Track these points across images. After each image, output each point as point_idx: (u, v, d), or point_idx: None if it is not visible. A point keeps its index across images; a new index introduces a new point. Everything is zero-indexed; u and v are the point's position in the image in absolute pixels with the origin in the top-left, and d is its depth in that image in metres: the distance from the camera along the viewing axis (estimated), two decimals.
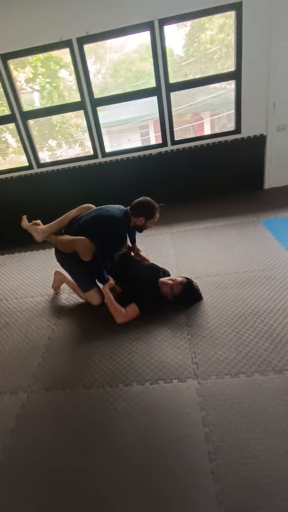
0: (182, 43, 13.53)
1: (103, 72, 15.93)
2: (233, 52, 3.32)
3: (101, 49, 15.64)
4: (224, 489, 1.12)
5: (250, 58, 3.23)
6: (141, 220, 2.14)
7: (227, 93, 13.06)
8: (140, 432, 1.36)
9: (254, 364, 1.58)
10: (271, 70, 3.26)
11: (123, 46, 17.71)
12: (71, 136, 10.62)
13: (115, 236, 2.09)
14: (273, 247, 2.61)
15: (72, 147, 11.82)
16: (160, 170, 3.75)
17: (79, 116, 10.84)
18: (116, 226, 2.05)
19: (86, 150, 10.99)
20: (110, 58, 16.84)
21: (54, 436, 1.40)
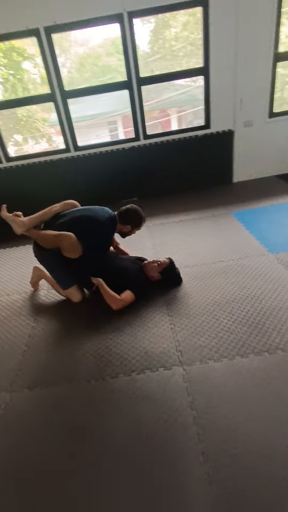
0: (147, 40, 13.59)
1: (69, 66, 15.53)
2: (200, 49, 3.38)
3: (65, 42, 15.21)
4: (214, 467, 1.16)
5: (217, 54, 3.32)
6: (128, 228, 2.17)
7: (192, 90, 13.35)
8: (130, 421, 1.37)
9: (234, 348, 1.65)
10: (237, 67, 3.37)
11: (89, 40, 17.37)
12: (37, 131, 10.25)
13: (101, 240, 2.07)
14: (245, 237, 2.73)
15: (39, 142, 11.43)
16: (133, 164, 3.75)
17: (46, 110, 10.49)
18: (104, 230, 2.05)
19: (54, 145, 10.68)
20: (75, 52, 16.46)
21: (41, 433, 1.37)
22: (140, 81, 3.35)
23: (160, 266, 2.13)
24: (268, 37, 3.28)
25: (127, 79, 3.36)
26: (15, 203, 3.81)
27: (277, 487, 1.07)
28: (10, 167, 3.62)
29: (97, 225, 2.01)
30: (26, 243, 3.26)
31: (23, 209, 2.48)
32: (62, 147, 3.66)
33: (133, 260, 2.26)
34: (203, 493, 1.09)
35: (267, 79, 3.46)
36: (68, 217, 2.05)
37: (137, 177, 3.81)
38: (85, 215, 2.05)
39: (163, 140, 3.67)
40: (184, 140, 3.70)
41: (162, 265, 2.13)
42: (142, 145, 3.68)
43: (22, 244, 3.26)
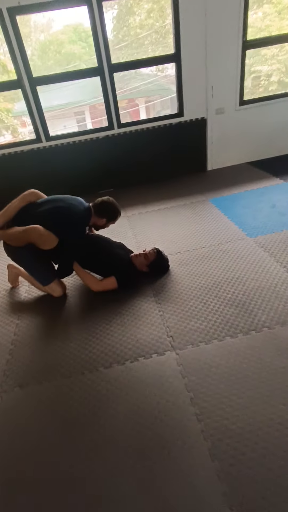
0: (111, 27, 13.23)
1: (30, 53, 14.77)
2: (167, 37, 3.37)
3: (25, 28, 14.44)
4: (215, 444, 1.20)
5: (188, 41, 3.31)
6: (103, 221, 2.12)
7: (159, 80, 13.27)
8: (128, 409, 1.37)
9: (224, 329, 1.70)
10: (208, 53, 3.39)
11: (50, 26, 16.61)
12: (1, 122, 9.71)
13: (75, 233, 1.99)
14: (224, 223, 2.79)
15: (3, 134, 10.86)
16: (108, 154, 3.68)
17: (9, 100, 9.96)
18: (78, 222, 1.98)
19: (20, 137, 10.20)
20: (36, 38, 15.67)
21: (38, 431, 1.33)
22: (112, 68, 3.26)
23: (148, 259, 2.11)
24: (236, 25, 3.31)
25: (97, 65, 3.25)
26: None
27: (275, 456, 1.13)
28: None
29: (71, 216, 1.95)
30: None
31: None
32: (32, 137, 3.50)
33: (125, 249, 2.26)
34: (207, 469, 1.12)
35: (236, 67, 3.51)
36: (41, 209, 1.96)
37: (113, 167, 3.74)
38: (61, 206, 1.97)
39: (138, 128, 3.63)
40: (158, 128, 3.68)
41: (149, 258, 2.12)
42: (116, 134, 3.61)
43: None
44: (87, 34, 14.13)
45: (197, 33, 3.28)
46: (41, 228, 1.84)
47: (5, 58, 8.91)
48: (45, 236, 1.86)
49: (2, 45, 10.04)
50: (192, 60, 3.40)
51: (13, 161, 3.49)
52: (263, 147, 4.08)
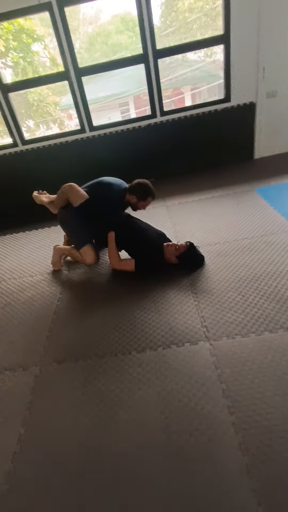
0: (159, 13, 12.96)
1: (78, 46, 15.11)
2: (217, 19, 3.19)
3: (74, 21, 14.77)
4: (246, 438, 1.16)
5: (239, 20, 3.11)
6: (133, 198, 2.25)
7: (206, 66, 12.75)
8: (158, 394, 1.38)
9: (262, 324, 1.62)
10: (260, 33, 3.16)
11: (98, 18, 16.80)
12: (49, 115, 10.15)
13: (110, 200, 2.21)
14: (270, 214, 2.63)
15: (51, 127, 11.35)
16: (150, 142, 3.65)
17: (57, 94, 10.35)
18: (113, 194, 2.22)
19: (67, 129, 10.57)
20: (84, 31, 15.97)
21: (72, 404, 1.41)
22: (157, 54, 3.20)
23: (178, 250, 2.07)
24: None
25: (142, 53, 3.21)
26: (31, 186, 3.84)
27: None
28: (26, 150, 3.61)
29: (109, 188, 2.24)
30: (45, 226, 3.29)
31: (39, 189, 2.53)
32: (77, 128, 3.60)
33: (160, 235, 2.27)
34: (236, 462, 1.10)
35: None
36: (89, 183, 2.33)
37: (154, 156, 3.71)
38: (101, 181, 2.31)
39: (181, 116, 3.54)
40: (202, 115, 3.55)
41: (179, 249, 2.07)
42: (159, 123, 3.56)
43: (41, 227, 3.29)
44: (135, 23, 14.04)
45: (249, 10, 3.06)
46: (69, 184, 2.19)
47: (55, 52, 9.24)
48: (72, 188, 2.18)
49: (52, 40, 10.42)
50: (243, 40, 3.20)
51: (59, 151, 3.62)
52: None
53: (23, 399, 1.47)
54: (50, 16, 2.97)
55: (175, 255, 2.08)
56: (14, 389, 1.53)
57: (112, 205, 2.23)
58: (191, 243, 2.12)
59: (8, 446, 1.28)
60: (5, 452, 1.26)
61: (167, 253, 2.11)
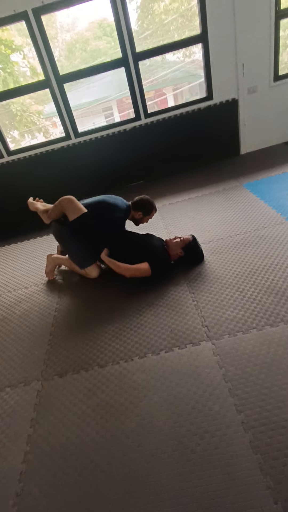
0: (135, 17, 13.04)
1: (57, 54, 15.11)
2: (193, 19, 3.21)
3: (51, 29, 14.76)
4: (257, 436, 1.14)
5: (215, 18, 3.14)
6: (139, 214, 2.31)
7: (186, 66, 12.86)
8: (163, 399, 1.36)
9: (263, 318, 1.61)
10: (237, 30, 3.19)
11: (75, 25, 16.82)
12: (33, 124, 10.10)
13: (115, 220, 2.20)
14: (260, 207, 2.64)
15: (36, 136, 11.29)
16: (136, 145, 3.65)
17: (39, 102, 10.31)
18: (119, 212, 2.21)
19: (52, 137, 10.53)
20: (63, 39, 15.97)
21: (77, 418, 1.37)
22: (137, 56, 3.20)
23: (183, 241, 2.10)
24: None
25: (122, 56, 3.21)
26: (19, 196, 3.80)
27: None
28: (12, 161, 3.57)
29: (115, 208, 2.20)
30: (36, 236, 3.25)
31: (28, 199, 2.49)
32: (62, 135, 3.58)
33: (159, 239, 2.25)
34: (248, 461, 1.08)
35: (270, 40, 3.27)
36: (88, 202, 2.23)
37: (141, 158, 3.71)
38: (106, 200, 2.24)
39: (165, 116, 3.54)
40: (186, 114, 3.56)
41: (184, 241, 2.10)
42: (143, 125, 3.56)
43: (33, 237, 3.25)
44: (112, 28, 14.09)
45: (225, 9, 3.10)
46: (68, 197, 2.12)
47: (34, 61, 9.21)
48: (71, 201, 2.11)
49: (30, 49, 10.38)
50: (220, 38, 3.22)
51: (46, 160, 3.59)
52: None
53: (27, 416, 1.43)
54: (27, 25, 2.95)
55: (181, 247, 2.09)
56: (17, 406, 1.49)
57: (117, 225, 2.23)
58: (193, 237, 2.15)
59: (15, 467, 1.24)
60: (12, 473, 1.22)
61: (172, 247, 2.12)
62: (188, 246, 2.10)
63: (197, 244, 2.14)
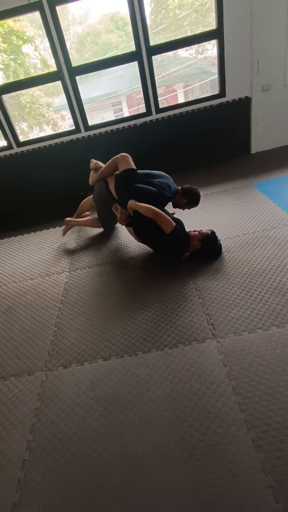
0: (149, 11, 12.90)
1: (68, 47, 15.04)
2: (207, 14, 3.17)
3: (63, 22, 14.65)
4: (260, 435, 1.14)
5: (231, 14, 3.09)
6: (184, 201, 2.45)
7: (198, 62, 12.72)
8: (167, 394, 1.36)
9: (269, 319, 1.60)
10: (253, 26, 3.14)
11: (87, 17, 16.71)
12: (42, 116, 10.09)
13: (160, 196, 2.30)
14: (270, 208, 2.62)
15: (44, 129, 11.28)
16: (147, 140, 3.62)
17: (49, 95, 10.28)
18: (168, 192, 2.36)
19: (60, 130, 10.51)
20: (74, 32, 15.87)
21: (81, 409, 1.38)
22: (151, 50, 3.17)
23: (201, 234, 2.13)
24: None
25: (135, 50, 3.18)
26: (28, 188, 3.81)
27: None
28: (22, 152, 3.57)
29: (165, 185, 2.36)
30: (43, 229, 3.26)
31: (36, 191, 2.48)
32: (71, 128, 3.57)
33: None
34: (251, 460, 1.08)
35: (286, 38, 3.21)
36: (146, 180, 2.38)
37: (151, 153, 3.68)
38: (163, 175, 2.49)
39: (177, 112, 3.51)
40: (198, 111, 3.53)
41: (203, 234, 2.13)
42: (154, 120, 3.53)
43: (40, 230, 3.26)
44: (124, 22, 13.97)
45: (242, 5, 3.05)
46: (127, 154, 2.46)
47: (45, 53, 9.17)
48: (127, 158, 2.44)
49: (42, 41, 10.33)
50: (236, 34, 3.18)
51: (55, 152, 3.59)
52: None
53: (31, 405, 1.44)
54: (41, 15, 2.93)
55: (198, 239, 2.11)
56: (21, 395, 1.50)
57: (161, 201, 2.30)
58: (213, 231, 2.17)
59: (18, 454, 1.26)
60: (14, 460, 1.24)
61: (192, 236, 2.14)
62: (205, 239, 2.11)
63: (215, 239, 2.15)
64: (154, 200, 2.22)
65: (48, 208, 3.71)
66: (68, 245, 2.85)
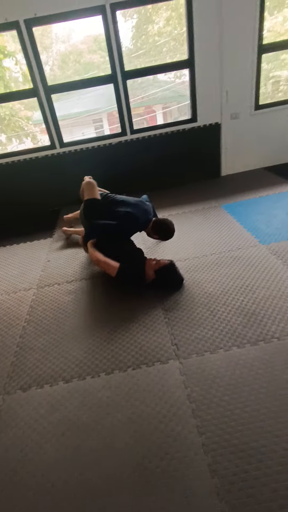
0: (130, 36, 13.47)
1: (51, 64, 15.25)
2: (184, 44, 3.36)
3: (47, 39, 14.93)
4: (216, 459, 1.14)
5: (202, 46, 3.30)
6: (155, 236, 2.44)
7: (176, 86, 13.34)
8: (127, 417, 1.34)
9: (230, 339, 1.64)
10: (222, 58, 3.36)
11: (70, 37, 17.11)
12: (21, 129, 10.04)
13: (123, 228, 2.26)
14: (236, 229, 2.73)
15: (23, 142, 11.21)
16: (121, 160, 3.70)
17: (29, 108, 10.29)
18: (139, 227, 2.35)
19: (40, 144, 10.49)
20: (57, 50, 16.18)
21: (37, 435, 1.33)
22: (125, 75, 3.30)
23: (157, 264, 2.06)
24: (252, 29, 3.27)
25: (111, 73, 3.29)
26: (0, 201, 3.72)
27: (280, 476, 1.07)
28: None
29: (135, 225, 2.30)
30: (14, 243, 3.19)
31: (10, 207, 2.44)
32: (47, 144, 3.58)
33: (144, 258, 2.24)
34: (206, 485, 1.08)
35: (252, 71, 3.46)
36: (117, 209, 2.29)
37: (125, 173, 3.76)
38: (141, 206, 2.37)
39: (150, 134, 3.63)
40: (171, 134, 3.67)
41: (160, 263, 2.06)
42: (129, 140, 3.63)
43: (10, 244, 3.18)
44: None
45: (211, 38, 3.26)
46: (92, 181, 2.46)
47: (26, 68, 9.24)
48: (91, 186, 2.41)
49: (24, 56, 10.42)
50: (206, 65, 3.38)
51: (29, 167, 3.57)
52: (279, 152, 3.99)
53: None
54: (18, 35, 2.98)
55: (154, 269, 2.05)
56: None
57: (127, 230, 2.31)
58: (173, 262, 2.09)
59: None
60: None
61: (148, 265, 2.07)
62: (162, 270, 2.04)
63: (174, 270, 2.07)
64: (113, 235, 2.22)
65: (21, 223, 3.65)
66: (38, 260, 2.80)
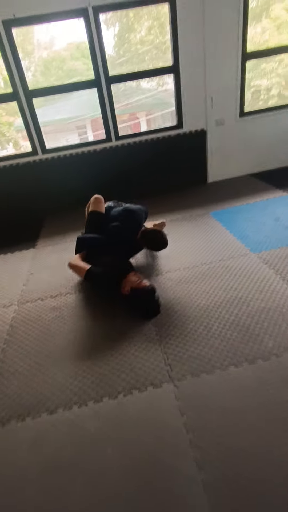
0: (113, 44, 13.51)
1: (33, 70, 15.07)
2: (166, 52, 3.32)
3: (29, 45, 14.76)
4: (217, 496, 1.03)
5: (186, 52, 3.26)
6: (144, 245, 2.32)
7: (159, 94, 13.45)
8: (117, 451, 1.21)
9: (227, 357, 1.54)
10: (207, 65, 3.33)
11: (53, 43, 17.00)
12: (2, 135, 9.79)
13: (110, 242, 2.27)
14: (226, 237, 2.66)
15: (6, 147, 10.94)
16: (106, 167, 3.60)
17: (11, 114, 10.06)
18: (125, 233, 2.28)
19: (22, 150, 10.25)
20: (39, 56, 16.02)
21: (18, 475, 1.17)
22: (109, 80, 3.21)
23: (137, 283, 1.88)
24: (235, 36, 3.26)
25: (95, 77, 3.20)
26: None
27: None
28: None
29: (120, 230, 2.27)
30: (1, 253, 3.01)
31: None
32: (29, 150, 3.44)
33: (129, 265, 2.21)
34: None
35: (236, 78, 3.45)
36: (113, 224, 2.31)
37: (110, 180, 3.65)
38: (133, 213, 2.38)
39: (136, 140, 3.55)
40: (157, 140, 3.60)
41: (139, 284, 1.88)
42: (114, 146, 3.53)
43: None
44: None
45: (196, 45, 3.23)
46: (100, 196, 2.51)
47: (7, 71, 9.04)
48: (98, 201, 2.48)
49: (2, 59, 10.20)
50: (191, 71, 3.34)
51: (9, 174, 3.41)
52: (265, 159, 3.99)
53: None
54: None
55: (131, 286, 1.90)
56: None
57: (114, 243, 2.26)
58: (154, 289, 1.91)
59: None
60: None
61: (128, 279, 1.95)
62: (138, 291, 1.86)
63: (151, 298, 1.87)
64: (101, 248, 2.26)
65: (1, 232, 3.46)
66: (20, 272, 2.63)
